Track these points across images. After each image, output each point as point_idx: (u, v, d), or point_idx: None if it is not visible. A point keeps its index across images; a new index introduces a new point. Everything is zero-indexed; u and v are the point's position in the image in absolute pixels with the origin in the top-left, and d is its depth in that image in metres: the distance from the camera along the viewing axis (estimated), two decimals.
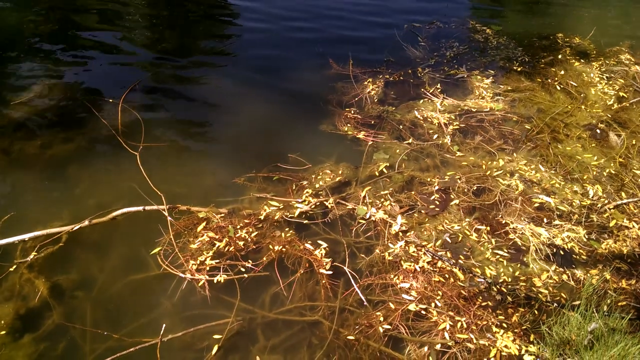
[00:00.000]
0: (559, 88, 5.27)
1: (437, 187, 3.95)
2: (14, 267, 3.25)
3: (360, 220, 3.68)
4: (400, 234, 3.58)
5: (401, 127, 4.60)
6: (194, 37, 6.13)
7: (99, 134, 4.35)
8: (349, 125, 4.59)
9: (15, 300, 3.08)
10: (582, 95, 5.18)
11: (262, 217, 3.65)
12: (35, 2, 6.51)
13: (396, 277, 3.28)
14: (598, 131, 4.68)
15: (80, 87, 4.98)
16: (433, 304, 3.12)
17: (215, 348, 2.90)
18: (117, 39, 5.89)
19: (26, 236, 3.36)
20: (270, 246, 3.45)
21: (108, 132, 4.30)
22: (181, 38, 6.08)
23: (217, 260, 3.35)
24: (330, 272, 3.31)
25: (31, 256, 3.29)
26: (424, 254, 3.43)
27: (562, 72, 5.53)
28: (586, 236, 3.63)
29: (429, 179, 4.03)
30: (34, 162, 4.06)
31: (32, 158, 4.09)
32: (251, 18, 6.62)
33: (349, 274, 3.30)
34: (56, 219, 3.58)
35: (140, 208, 3.59)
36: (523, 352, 2.88)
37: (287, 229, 3.59)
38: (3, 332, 2.91)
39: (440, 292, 3.19)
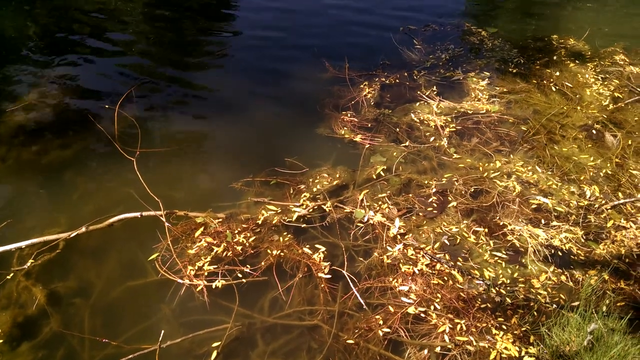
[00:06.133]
0: (554, 89, 5.29)
1: (434, 190, 3.95)
2: (11, 275, 3.23)
3: (358, 224, 3.68)
4: (399, 236, 3.57)
5: (398, 129, 4.61)
6: (190, 43, 6.13)
7: (96, 140, 4.35)
8: (345, 128, 4.59)
9: (12, 308, 3.07)
10: (577, 96, 5.19)
11: (260, 222, 3.65)
12: (32, 9, 6.50)
13: (395, 280, 3.28)
14: (594, 132, 4.69)
15: (77, 93, 4.97)
16: (432, 307, 3.12)
17: (214, 354, 2.88)
18: (113, 45, 5.88)
19: (23, 244, 3.34)
20: (269, 251, 3.45)
21: (104, 138, 4.29)
22: (178, 44, 6.09)
23: (215, 266, 3.34)
24: (329, 276, 3.31)
25: (28, 264, 3.28)
26: (423, 256, 3.43)
27: (558, 74, 5.55)
28: (584, 237, 3.64)
29: (426, 182, 4.04)
30: (31, 169, 4.05)
31: (28, 165, 4.08)
32: (248, 22, 6.63)
33: (347, 278, 3.29)
34: (53, 225, 3.56)
35: (138, 214, 3.58)
36: (523, 353, 2.88)
37: (285, 233, 3.59)
38: (1, 341, 2.89)
39: (439, 295, 3.18)
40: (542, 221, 3.73)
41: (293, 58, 5.80)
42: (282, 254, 3.43)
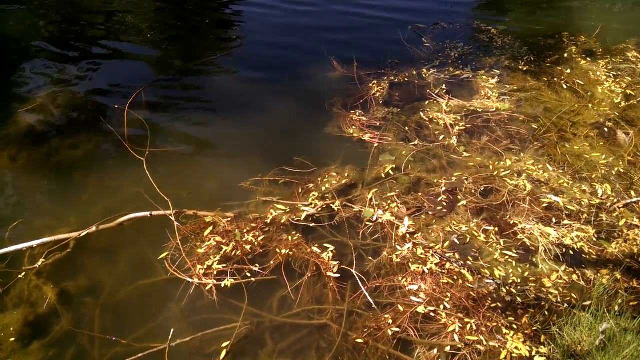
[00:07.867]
0: (565, 87, 5.24)
1: (444, 188, 3.92)
2: (23, 274, 3.26)
3: (367, 223, 3.67)
4: (408, 235, 3.56)
5: (407, 128, 4.59)
6: (198, 43, 6.14)
7: (106, 140, 4.37)
8: (354, 127, 4.58)
9: (24, 307, 3.09)
10: (589, 93, 5.14)
11: (268, 221, 3.65)
12: (42, 10, 6.55)
13: (404, 279, 3.26)
14: (606, 129, 4.64)
15: (87, 93, 5.00)
16: (442, 306, 3.10)
17: (224, 353, 2.89)
18: (122, 45, 5.91)
19: (34, 243, 3.37)
20: (277, 250, 3.45)
21: (114, 138, 4.32)
22: (186, 44, 6.10)
23: (225, 265, 3.34)
24: (338, 275, 3.30)
25: (39, 263, 3.30)
26: (432, 255, 3.41)
27: (569, 71, 5.49)
28: (596, 235, 3.60)
29: (435, 180, 4.01)
30: (41, 169, 4.08)
31: (39, 165, 4.12)
32: (255, 22, 6.63)
33: (356, 277, 3.28)
34: (64, 225, 3.59)
35: (147, 213, 3.59)
36: (534, 353, 2.85)
37: (293, 233, 3.58)
38: (12, 339, 2.92)
39: (449, 294, 3.16)
40: (553, 220, 3.69)
41: (301, 57, 5.79)
42: (291, 253, 3.43)
